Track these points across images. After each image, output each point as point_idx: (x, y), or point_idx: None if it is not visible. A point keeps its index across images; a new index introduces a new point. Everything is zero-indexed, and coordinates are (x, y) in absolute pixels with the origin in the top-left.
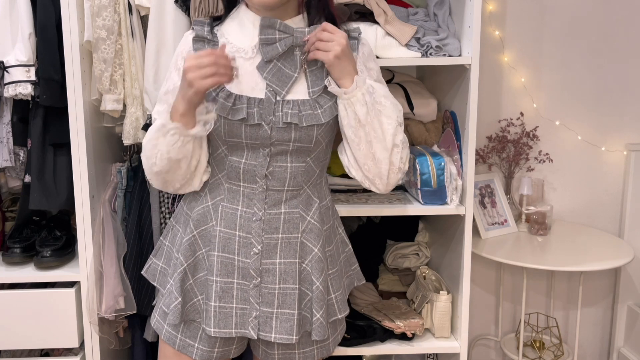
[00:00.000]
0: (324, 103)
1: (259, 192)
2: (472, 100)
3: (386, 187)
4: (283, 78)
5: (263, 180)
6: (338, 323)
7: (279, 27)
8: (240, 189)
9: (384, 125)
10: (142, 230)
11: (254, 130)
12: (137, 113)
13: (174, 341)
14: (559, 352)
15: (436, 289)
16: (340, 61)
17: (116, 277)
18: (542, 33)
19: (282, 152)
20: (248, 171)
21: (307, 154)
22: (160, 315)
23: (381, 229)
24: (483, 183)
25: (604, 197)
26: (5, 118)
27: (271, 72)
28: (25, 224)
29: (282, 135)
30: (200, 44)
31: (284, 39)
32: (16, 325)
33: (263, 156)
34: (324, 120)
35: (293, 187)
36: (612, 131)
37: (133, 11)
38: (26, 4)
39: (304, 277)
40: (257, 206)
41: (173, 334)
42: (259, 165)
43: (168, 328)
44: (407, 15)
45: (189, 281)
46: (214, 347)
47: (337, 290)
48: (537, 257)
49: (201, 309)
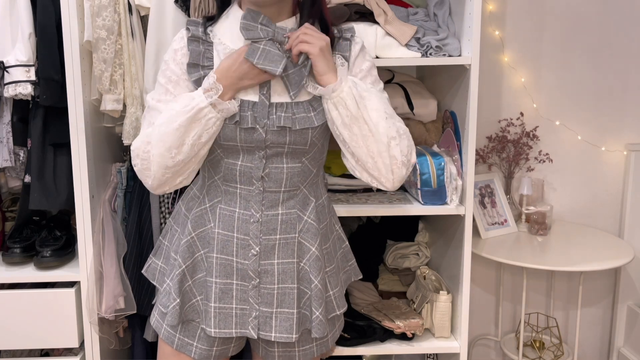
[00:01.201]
0: (317, 106)
1: (256, 193)
2: (472, 100)
3: (393, 184)
4: (275, 58)
5: (259, 182)
6: (336, 319)
7: (261, 21)
8: (237, 191)
9: (373, 119)
10: (142, 230)
11: (249, 133)
12: (137, 113)
13: (173, 340)
14: (559, 352)
15: (436, 289)
16: (325, 55)
17: (116, 277)
18: (542, 33)
19: (278, 154)
20: (244, 173)
21: (303, 155)
22: (160, 315)
23: (381, 229)
24: (483, 183)
25: (604, 197)
26: (5, 118)
27: (262, 57)
28: (25, 224)
29: (276, 138)
30: (195, 44)
31: (265, 29)
32: (16, 325)
33: (259, 158)
34: (317, 124)
35: (290, 188)
36: (612, 131)
37: (133, 11)
38: (26, 4)
39: (302, 276)
40: (255, 208)
41: (172, 333)
42: (255, 167)
43: (167, 327)
44: (407, 15)
45: (187, 282)
46: (213, 346)
47: (335, 287)
48: (537, 257)
49: (200, 309)
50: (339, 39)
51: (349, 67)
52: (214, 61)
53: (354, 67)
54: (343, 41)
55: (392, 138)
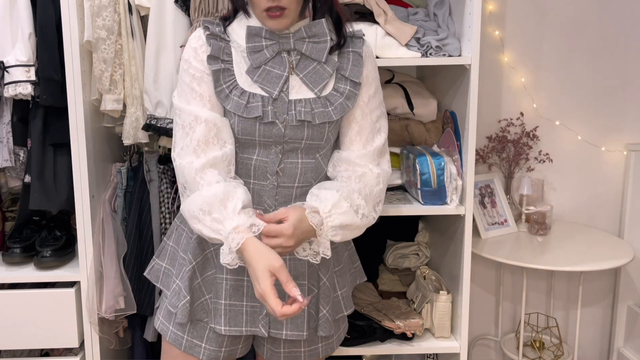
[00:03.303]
0: (334, 100)
1: (270, 188)
2: (472, 100)
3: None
4: (273, 79)
5: (274, 176)
6: (341, 321)
7: (264, 35)
8: (251, 185)
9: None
10: (142, 230)
11: (268, 128)
12: (137, 113)
13: (180, 342)
14: (559, 352)
15: (436, 289)
16: (297, 244)
17: (116, 277)
18: (542, 33)
19: (294, 149)
20: (259, 168)
21: (317, 151)
22: (165, 317)
23: (381, 229)
24: (483, 183)
25: (604, 197)
26: (5, 118)
27: (261, 76)
28: (25, 224)
29: (295, 133)
30: (214, 41)
31: (271, 45)
32: (16, 325)
33: (275, 153)
34: (335, 118)
35: (303, 184)
36: (612, 131)
37: (133, 11)
38: (26, 4)
39: (311, 273)
40: (268, 203)
41: (179, 334)
42: (270, 162)
43: (174, 329)
44: (407, 15)
45: (197, 280)
46: (222, 347)
47: (343, 287)
48: (537, 257)
49: (209, 308)
50: (352, 37)
51: (363, 64)
52: (232, 57)
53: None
54: (356, 39)
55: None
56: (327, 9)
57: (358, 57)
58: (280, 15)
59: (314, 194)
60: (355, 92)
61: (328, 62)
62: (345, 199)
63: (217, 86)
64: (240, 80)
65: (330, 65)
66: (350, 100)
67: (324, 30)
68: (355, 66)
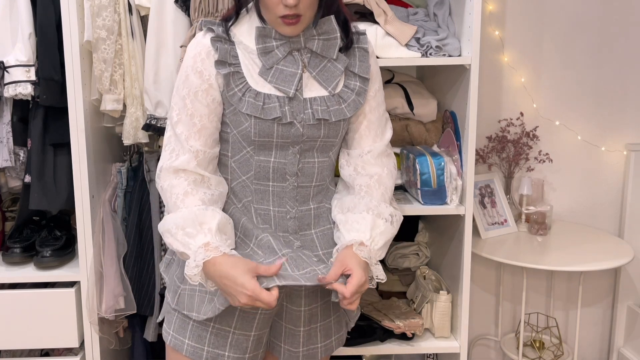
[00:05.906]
0: (347, 97)
1: (290, 189)
2: (472, 100)
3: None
4: (287, 78)
5: (294, 177)
6: (344, 323)
7: (274, 36)
8: (270, 188)
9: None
10: (142, 230)
11: (286, 128)
12: (137, 113)
13: (201, 355)
14: (559, 352)
15: (436, 288)
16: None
17: (116, 277)
18: (542, 33)
19: (310, 149)
20: (277, 170)
21: (331, 149)
22: (177, 330)
23: None
24: (483, 183)
25: (604, 197)
26: (5, 118)
27: (275, 76)
28: (25, 224)
29: (312, 132)
30: (220, 43)
31: (282, 45)
32: (16, 325)
33: (293, 154)
34: (349, 115)
35: (319, 182)
36: (612, 131)
37: (133, 11)
38: (26, 4)
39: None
40: (289, 204)
41: (198, 347)
42: (289, 163)
43: (190, 342)
44: (407, 15)
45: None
46: (245, 353)
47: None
48: (537, 257)
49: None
50: (357, 34)
51: (369, 60)
52: (239, 59)
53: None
54: (361, 36)
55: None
56: (334, 10)
57: (364, 52)
58: (296, 22)
59: (342, 221)
60: (365, 88)
61: (338, 59)
62: (378, 216)
63: (228, 90)
64: (251, 82)
65: (341, 63)
66: (361, 96)
67: (333, 27)
68: (362, 62)
